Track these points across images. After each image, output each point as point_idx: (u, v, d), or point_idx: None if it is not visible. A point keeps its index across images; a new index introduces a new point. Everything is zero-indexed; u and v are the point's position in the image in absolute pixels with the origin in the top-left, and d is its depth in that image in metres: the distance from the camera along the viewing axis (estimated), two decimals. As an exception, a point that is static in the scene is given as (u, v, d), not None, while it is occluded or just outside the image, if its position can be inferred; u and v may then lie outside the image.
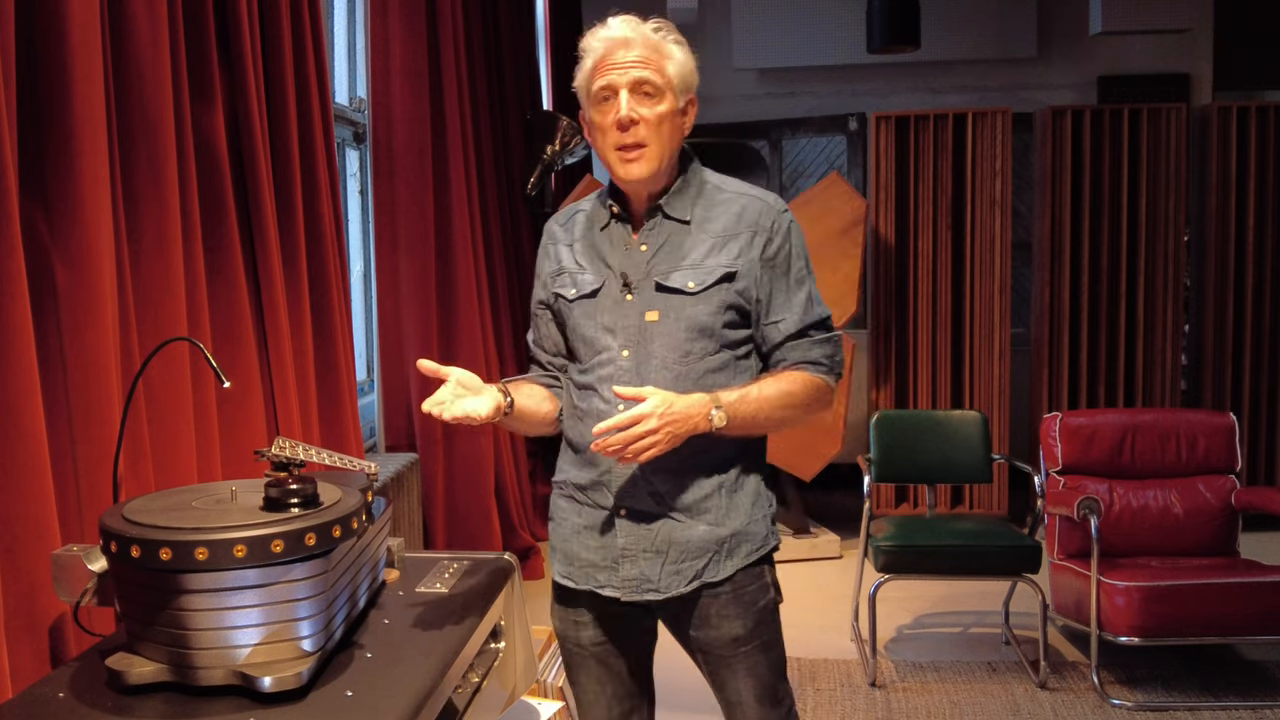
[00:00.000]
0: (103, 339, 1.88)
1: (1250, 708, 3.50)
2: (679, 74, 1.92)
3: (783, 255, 1.95)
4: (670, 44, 1.92)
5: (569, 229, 2.06)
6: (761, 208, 1.96)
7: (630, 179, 1.91)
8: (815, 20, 6.67)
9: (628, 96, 1.87)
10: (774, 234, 1.94)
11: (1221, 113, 5.61)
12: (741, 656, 2.00)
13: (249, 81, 2.46)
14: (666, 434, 1.80)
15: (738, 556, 1.98)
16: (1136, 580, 3.56)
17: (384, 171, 4.05)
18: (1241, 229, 5.63)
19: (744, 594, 1.98)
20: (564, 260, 2.03)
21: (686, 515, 1.95)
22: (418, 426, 4.14)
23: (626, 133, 1.87)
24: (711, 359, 1.92)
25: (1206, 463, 4.07)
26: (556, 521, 2.08)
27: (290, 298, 2.67)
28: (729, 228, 1.94)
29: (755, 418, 1.89)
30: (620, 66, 1.88)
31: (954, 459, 4.21)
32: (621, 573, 1.97)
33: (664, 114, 1.89)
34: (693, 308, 1.90)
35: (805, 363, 1.96)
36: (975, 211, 5.58)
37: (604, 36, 1.91)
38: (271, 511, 1.57)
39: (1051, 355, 5.65)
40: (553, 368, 2.09)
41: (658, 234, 1.95)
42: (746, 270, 1.92)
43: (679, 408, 1.81)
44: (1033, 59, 6.70)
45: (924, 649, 4.10)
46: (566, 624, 2.10)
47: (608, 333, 1.94)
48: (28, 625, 1.71)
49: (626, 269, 1.94)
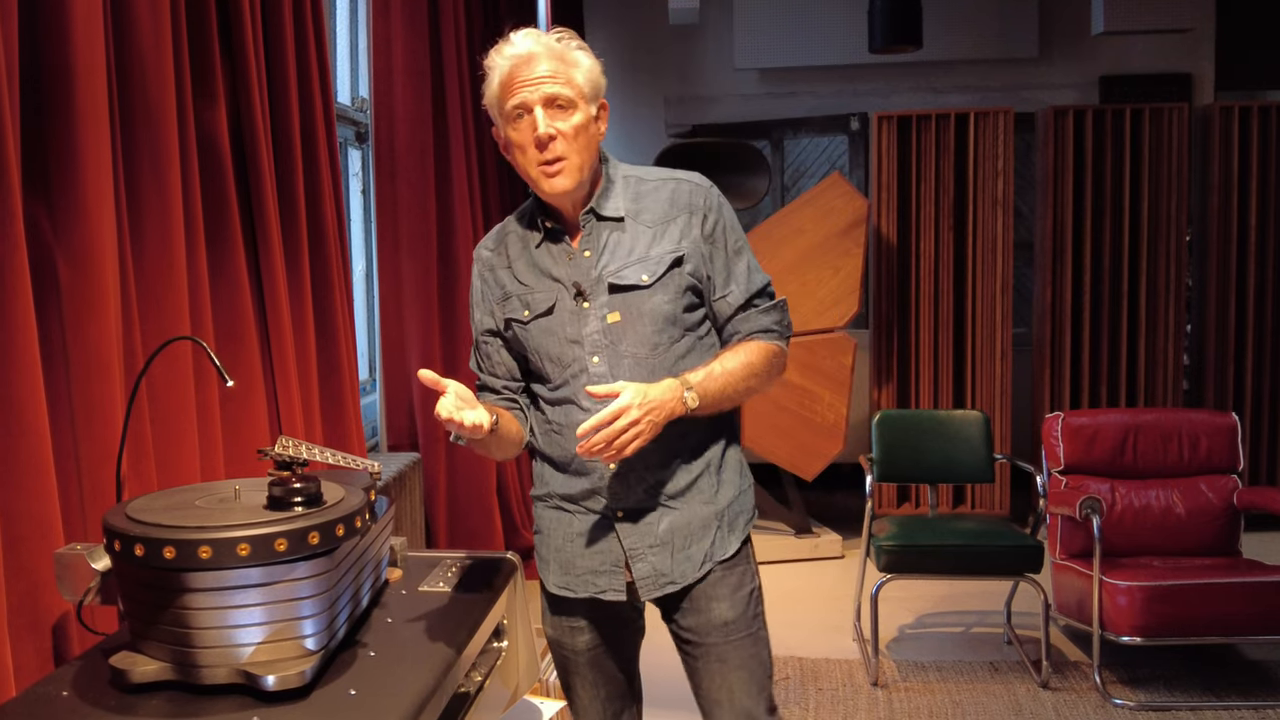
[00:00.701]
0: (105, 337, 1.89)
1: (1253, 708, 3.50)
2: (588, 81, 1.91)
3: (720, 229, 1.98)
4: (575, 52, 1.92)
5: (501, 253, 2.04)
6: (690, 188, 1.98)
7: (555, 193, 1.91)
8: (816, 20, 6.67)
9: (542, 113, 1.86)
10: (708, 211, 1.97)
11: (1223, 113, 5.60)
12: (733, 646, 2.00)
13: (251, 79, 2.46)
14: (648, 423, 1.81)
15: (738, 528, 2.02)
16: (1139, 580, 3.56)
17: (386, 171, 4.04)
18: (1243, 229, 5.62)
19: (730, 574, 2.00)
20: (507, 284, 2.00)
21: (681, 500, 1.98)
22: (420, 426, 4.14)
23: (546, 150, 1.87)
24: (679, 345, 1.95)
25: (1209, 462, 4.07)
26: (545, 533, 2.07)
27: (293, 296, 2.67)
28: (664, 214, 1.95)
29: (724, 392, 1.91)
30: (531, 83, 1.87)
31: (956, 459, 4.21)
32: (636, 573, 1.98)
33: (579, 125, 1.88)
34: (651, 299, 1.91)
35: (758, 331, 1.99)
36: (977, 211, 5.57)
37: (510, 54, 1.90)
38: (275, 510, 1.57)
39: (1053, 355, 5.65)
40: (508, 392, 2.06)
41: (596, 237, 1.95)
42: (692, 251, 1.94)
43: (654, 395, 1.82)
44: (1034, 59, 6.70)
45: (926, 649, 4.10)
46: (561, 631, 2.09)
47: (574, 344, 1.94)
48: (31, 624, 1.71)
49: (576, 278, 1.94)
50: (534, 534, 2.12)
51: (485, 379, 2.08)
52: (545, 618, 2.12)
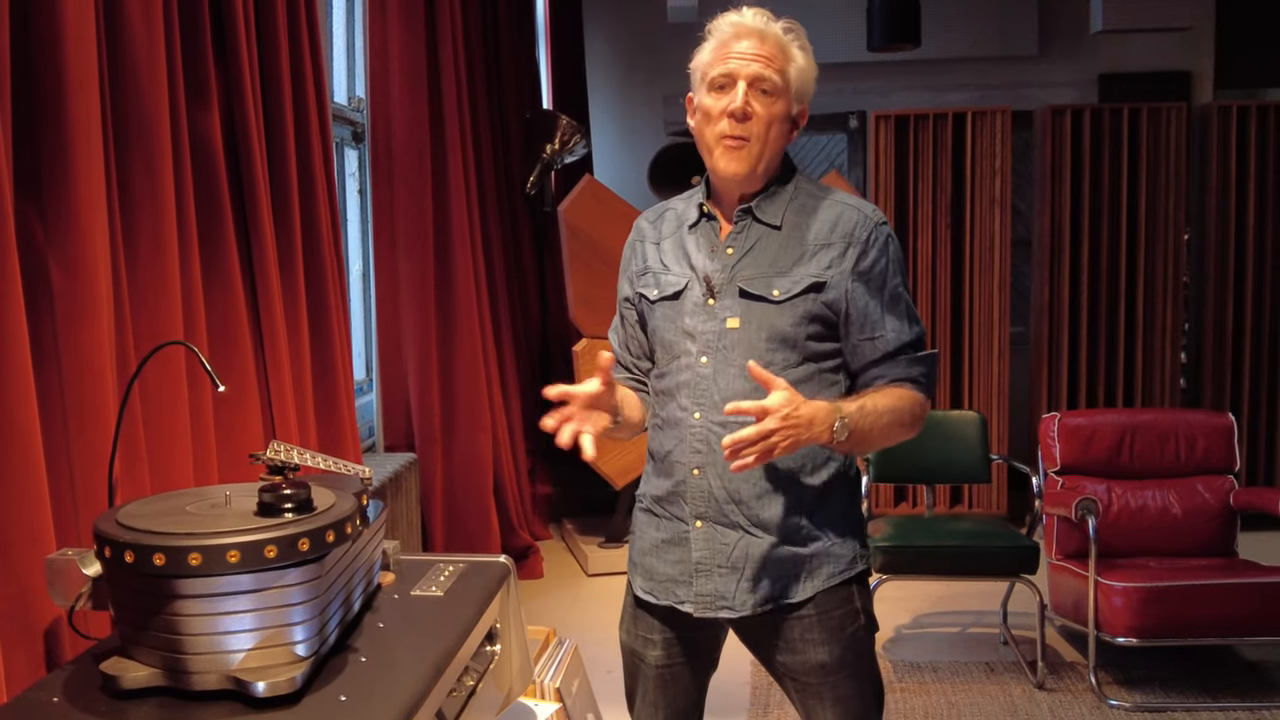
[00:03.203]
0: (98, 341, 1.88)
1: (1248, 708, 3.50)
2: (799, 79, 1.86)
3: (878, 269, 1.86)
4: (796, 48, 1.87)
5: (658, 227, 2.01)
6: (858, 218, 1.87)
7: (728, 172, 1.85)
8: (815, 18, 6.59)
9: (745, 89, 1.81)
10: (869, 246, 1.86)
11: (1222, 112, 5.60)
12: (829, 686, 1.91)
13: (245, 81, 2.45)
14: (787, 437, 1.67)
15: (818, 578, 1.89)
16: (1135, 581, 3.56)
17: (382, 171, 4.05)
18: (1241, 228, 5.63)
19: (829, 618, 1.89)
20: (649, 260, 1.98)
21: (765, 531, 1.87)
22: (416, 426, 4.14)
23: (739, 124, 1.82)
24: (794, 370, 1.84)
25: (1205, 463, 4.08)
26: (636, 535, 2.03)
27: (286, 299, 2.66)
28: (821, 236, 1.86)
29: (870, 432, 1.79)
30: (744, 57, 1.82)
31: (953, 459, 4.21)
32: (696, 587, 1.91)
33: (776, 115, 1.83)
34: (776, 316, 1.83)
35: (905, 380, 1.87)
36: (975, 210, 5.58)
37: (734, 21, 1.85)
38: (265, 517, 1.57)
39: (1051, 353, 5.65)
40: (638, 371, 2.03)
41: (745, 238, 1.89)
42: (836, 282, 1.84)
43: (805, 411, 1.69)
44: (1034, 57, 6.69)
45: (922, 649, 4.10)
46: (635, 639, 2.04)
47: (687, 337, 1.88)
48: (22, 629, 1.71)
49: (710, 273, 1.88)
50: (629, 534, 2.09)
51: (620, 353, 2.04)
52: (624, 621, 2.07)
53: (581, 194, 4.89)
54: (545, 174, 5.67)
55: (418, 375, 4.12)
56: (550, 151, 5.61)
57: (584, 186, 4.92)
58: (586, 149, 5.83)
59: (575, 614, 4.44)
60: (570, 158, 5.78)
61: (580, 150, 5.76)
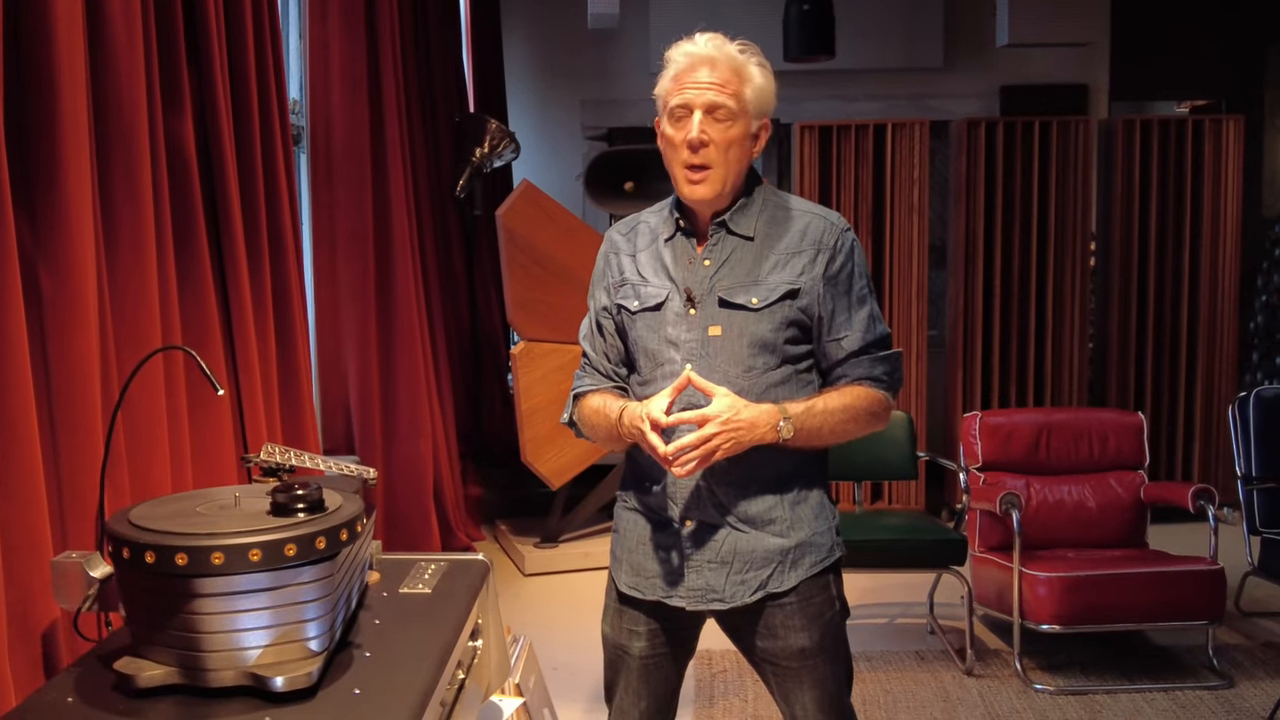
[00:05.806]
0: (87, 347, 1.89)
1: (1162, 689, 3.71)
2: (756, 98, 1.94)
3: (845, 273, 1.98)
4: (753, 66, 1.95)
5: (631, 239, 2.08)
6: (825, 225, 1.98)
7: (693, 199, 1.95)
8: (731, 27, 6.61)
9: (701, 118, 1.89)
10: (836, 252, 1.97)
11: (1125, 125, 5.89)
12: (809, 669, 2.02)
13: (217, 88, 2.46)
14: (729, 439, 1.83)
15: (802, 567, 2.00)
16: (1057, 571, 3.75)
17: (322, 174, 4.04)
18: (1144, 236, 5.92)
19: (810, 605, 2.01)
20: (626, 271, 2.05)
21: (751, 526, 1.98)
22: (357, 429, 4.14)
23: (695, 154, 1.90)
24: (774, 373, 1.95)
25: (1117, 459, 4.30)
26: (621, 533, 2.11)
27: (255, 302, 2.67)
28: (792, 245, 1.97)
29: (820, 430, 1.92)
30: (698, 86, 1.90)
31: (882, 457, 4.35)
32: (687, 583, 2.00)
33: (734, 138, 1.92)
34: (755, 324, 1.93)
35: (867, 379, 1.99)
36: (894, 218, 5.76)
37: (688, 51, 1.93)
38: (279, 516, 1.60)
39: (965, 356, 5.87)
40: (618, 379, 2.09)
41: (721, 249, 1.98)
42: (809, 288, 1.95)
43: (745, 415, 1.85)
44: (939, 69, 6.92)
45: (853, 640, 4.15)
46: (619, 632, 2.11)
47: (671, 346, 1.97)
48: (23, 633, 1.72)
49: (690, 284, 1.96)
50: (612, 532, 2.15)
51: (597, 361, 2.10)
52: (607, 616, 2.14)
53: (519, 199, 4.93)
54: (475, 177, 5.69)
55: (358, 378, 4.12)
56: (480, 155, 5.64)
57: (521, 191, 4.95)
58: (515, 154, 5.87)
59: (516, 613, 4.48)
60: (499, 162, 5.81)
61: (509, 155, 5.79)
